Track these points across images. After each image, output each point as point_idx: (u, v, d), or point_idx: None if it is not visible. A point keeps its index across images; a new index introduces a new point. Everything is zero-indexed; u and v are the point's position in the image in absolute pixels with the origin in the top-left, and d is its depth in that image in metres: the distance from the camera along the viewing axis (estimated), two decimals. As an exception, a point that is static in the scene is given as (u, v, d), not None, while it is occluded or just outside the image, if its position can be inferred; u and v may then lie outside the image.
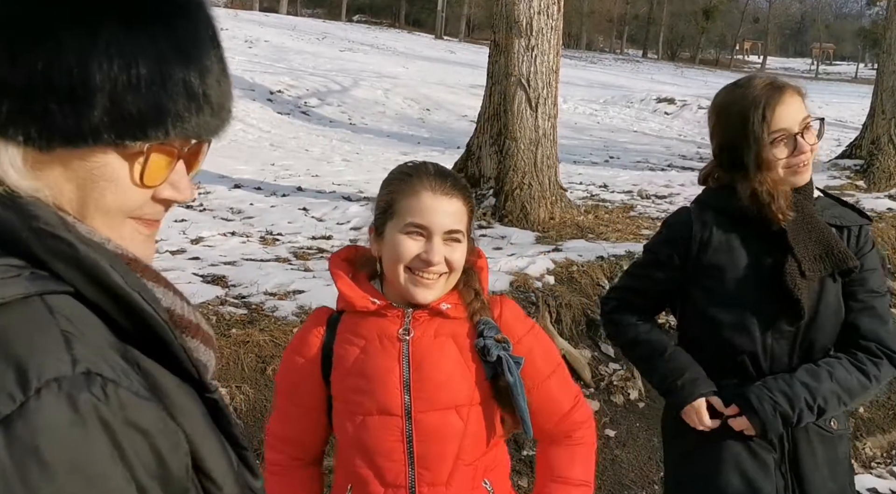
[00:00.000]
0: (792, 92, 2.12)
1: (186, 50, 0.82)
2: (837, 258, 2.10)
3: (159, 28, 0.80)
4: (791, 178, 2.13)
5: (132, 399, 0.74)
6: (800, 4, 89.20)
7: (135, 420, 0.73)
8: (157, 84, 0.80)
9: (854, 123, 15.83)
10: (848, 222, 2.18)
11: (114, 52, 0.77)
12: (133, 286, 0.80)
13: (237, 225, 6.76)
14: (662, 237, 2.37)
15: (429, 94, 18.52)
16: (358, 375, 1.69)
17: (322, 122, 14.80)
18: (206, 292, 4.63)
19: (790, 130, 2.09)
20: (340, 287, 1.73)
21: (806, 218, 2.12)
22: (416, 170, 1.72)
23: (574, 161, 11.88)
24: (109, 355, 0.76)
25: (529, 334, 1.78)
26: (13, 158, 0.78)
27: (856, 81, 48.22)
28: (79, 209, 0.83)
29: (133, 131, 0.80)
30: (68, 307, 0.77)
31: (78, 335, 0.74)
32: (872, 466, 4.61)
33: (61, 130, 0.77)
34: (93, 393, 0.70)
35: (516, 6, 6.83)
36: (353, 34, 34.51)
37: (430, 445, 1.66)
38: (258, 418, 3.77)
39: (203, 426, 0.85)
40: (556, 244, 6.15)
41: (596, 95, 21.56)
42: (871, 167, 9.90)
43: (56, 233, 0.77)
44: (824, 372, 2.10)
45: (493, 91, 7.14)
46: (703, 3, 65.33)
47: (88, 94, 0.77)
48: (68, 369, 0.70)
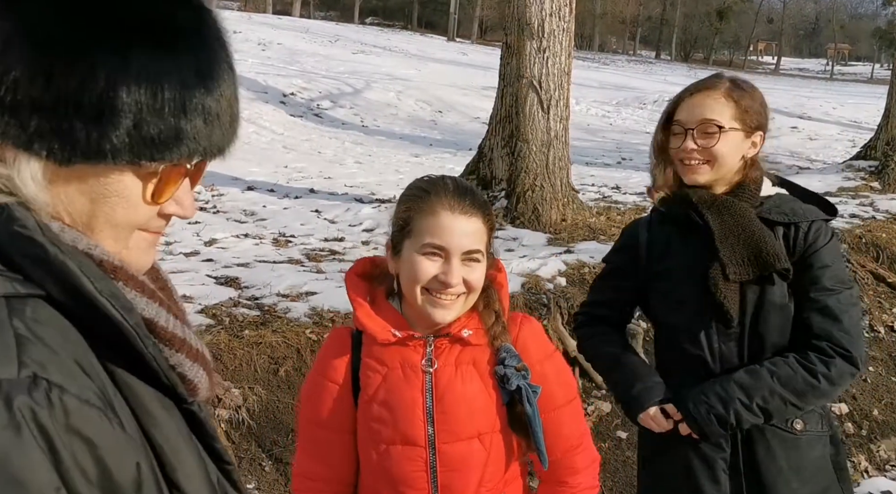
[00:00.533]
0: (710, 92, 2.10)
1: (206, 75, 0.85)
2: (765, 261, 2.05)
3: (184, 54, 0.83)
4: (682, 173, 2.14)
5: (78, 406, 0.73)
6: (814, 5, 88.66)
7: (78, 427, 0.73)
8: (178, 109, 0.83)
9: (869, 125, 15.74)
10: (797, 218, 2.11)
11: (142, 77, 0.80)
12: (104, 293, 0.80)
13: (250, 227, 6.79)
14: (616, 246, 2.42)
15: (441, 96, 18.54)
16: (381, 404, 1.67)
17: (335, 124, 14.84)
18: (220, 293, 4.66)
19: (684, 124, 2.10)
20: (359, 315, 1.69)
21: (737, 219, 2.08)
22: (434, 186, 1.66)
23: (586, 163, 11.87)
24: (65, 361, 0.76)
25: (548, 360, 1.75)
26: (34, 171, 0.80)
27: (871, 81, 47.85)
28: (88, 222, 0.85)
29: (151, 153, 0.83)
30: (33, 311, 0.78)
31: (34, 339, 0.75)
32: (887, 469, 4.58)
33: (84, 148, 0.79)
34: (33, 398, 0.70)
35: (528, 8, 6.83)
36: (366, 36, 34.57)
37: (454, 474, 1.66)
38: (270, 418, 3.79)
39: (178, 438, 0.86)
40: (567, 246, 6.15)
41: (609, 97, 21.52)
42: (885, 168, 9.83)
43: (31, 236, 0.79)
44: (764, 372, 2.06)
45: (504, 93, 7.15)
46: (717, 4, 65.04)
47: (114, 115, 0.79)
48: (13, 372, 0.71)
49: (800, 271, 2.08)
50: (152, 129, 0.82)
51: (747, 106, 2.09)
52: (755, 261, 2.06)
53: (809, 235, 2.09)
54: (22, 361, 0.72)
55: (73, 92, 0.77)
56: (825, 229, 2.13)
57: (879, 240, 6.91)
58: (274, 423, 3.78)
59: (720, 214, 2.10)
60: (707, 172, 2.10)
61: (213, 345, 3.93)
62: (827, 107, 21.94)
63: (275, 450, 3.66)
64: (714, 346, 2.14)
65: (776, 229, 2.11)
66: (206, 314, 4.32)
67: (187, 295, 4.57)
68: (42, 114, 0.77)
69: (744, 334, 2.11)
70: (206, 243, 6.11)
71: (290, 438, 3.75)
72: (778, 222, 2.11)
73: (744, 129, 2.09)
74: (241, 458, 3.54)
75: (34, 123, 0.78)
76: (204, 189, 8.18)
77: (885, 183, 9.62)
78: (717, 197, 2.12)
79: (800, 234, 2.10)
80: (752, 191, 2.13)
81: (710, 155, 2.08)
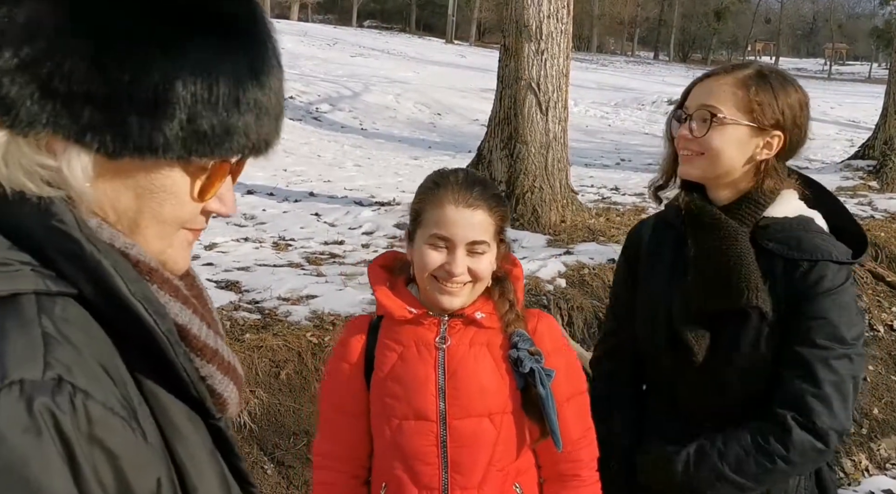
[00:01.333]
0: (723, 78, 1.81)
1: (258, 70, 0.84)
2: (734, 294, 1.74)
3: (238, 48, 0.82)
4: (680, 163, 1.87)
5: (102, 414, 0.70)
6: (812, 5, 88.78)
7: (100, 437, 0.69)
8: (232, 103, 0.81)
9: (867, 124, 15.76)
10: (799, 253, 1.75)
11: (198, 71, 0.78)
12: (137, 295, 0.78)
13: (250, 231, 6.80)
14: (619, 258, 2.14)
15: (440, 98, 18.56)
16: (395, 380, 1.73)
17: (334, 127, 14.86)
18: (220, 297, 4.66)
19: (687, 108, 1.84)
20: (378, 296, 1.77)
21: (720, 240, 1.77)
22: (443, 179, 1.74)
23: (585, 164, 11.87)
24: (91, 365, 0.73)
25: (560, 352, 1.79)
26: (85, 164, 0.78)
27: (869, 80, 47.91)
28: (134, 217, 0.83)
29: (203, 148, 0.81)
30: (63, 310, 0.75)
31: (62, 339, 0.72)
32: (887, 467, 4.59)
33: (136, 141, 0.77)
34: (56, 402, 0.67)
35: (526, 10, 6.85)
36: (364, 39, 34.61)
37: (463, 450, 1.71)
38: (272, 422, 3.80)
39: (201, 453, 0.82)
40: (567, 247, 6.16)
41: (607, 98, 21.53)
42: (883, 168, 9.85)
43: (68, 232, 0.76)
44: (714, 455, 1.77)
45: (503, 95, 7.16)
46: (715, 5, 65.13)
47: (169, 108, 0.77)
48: (37, 373, 0.68)
49: (789, 318, 1.75)
50: (205, 123, 0.80)
51: (762, 99, 1.76)
52: (722, 292, 1.76)
53: (810, 276, 1.73)
54: (48, 362, 0.69)
55: (127, 84, 0.75)
56: (833, 272, 1.74)
57: (878, 239, 6.93)
58: (275, 426, 3.79)
59: (703, 230, 1.82)
60: (699, 165, 1.81)
61: (215, 349, 3.93)
62: (825, 106, 21.95)
63: (276, 453, 3.67)
64: (678, 381, 1.90)
65: (776, 261, 1.77)
66: (207, 317, 4.32)
67: (188, 299, 4.58)
68: (95, 105, 0.75)
69: (710, 370, 1.82)
70: (206, 247, 6.12)
71: (291, 441, 3.76)
72: (778, 254, 1.77)
73: (752, 123, 1.76)
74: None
75: (87, 115, 0.75)
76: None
77: (883, 182, 9.63)
78: (706, 210, 1.82)
79: (797, 273, 1.74)
80: (752, 207, 1.79)
81: (702, 145, 1.78)
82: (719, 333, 1.81)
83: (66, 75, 0.74)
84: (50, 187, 0.77)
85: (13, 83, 0.73)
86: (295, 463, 3.63)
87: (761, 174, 1.81)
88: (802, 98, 1.82)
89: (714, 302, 1.79)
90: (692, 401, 1.91)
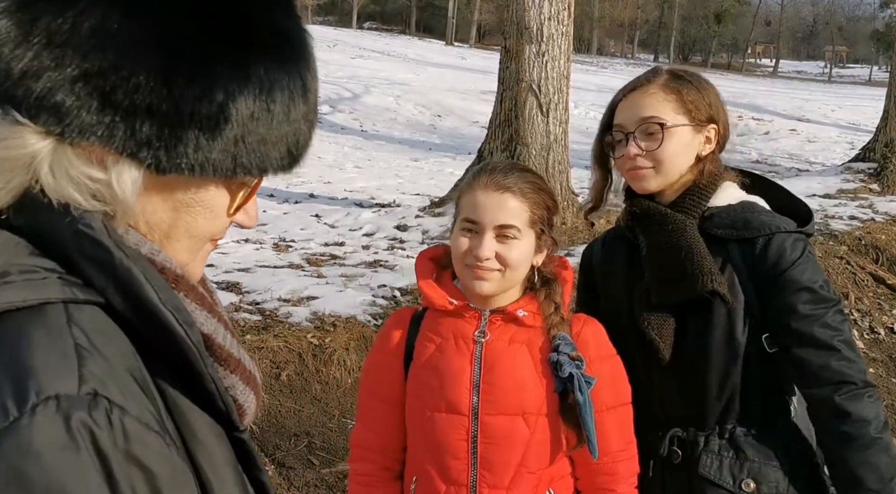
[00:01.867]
0: (646, 88, 1.83)
1: (307, 86, 0.84)
2: (686, 283, 1.74)
3: (292, 66, 0.82)
4: (631, 182, 1.87)
5: (138, 430, 0.67)
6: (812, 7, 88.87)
7: (138, 455, 0.66)
8: (284, 120, 0.81)
9: (868, 127, 15.75)
10: (752, 232, 1.77)
11: (259, 89, 0.78)
12: (168, 304, 0.75)
13: (250, 232, 6.79)
14: (577, 280, 2.07)
15: (440, 100, 18.57)
16: (431, 371, 1.72)
17: (334, 129, 14.86)
18: (221, 298, 4.63)
19: (624, 127, 1.83)
20: (421, 286, 1.76)
21: (669, 234, 1.79)
22: (483, 168, 1.74)
23: (585, 166, 11.77)
24: (124, 378, 0.70)
25: (606, 360, 1.75)
26: (135, 178, 0.76)
27: (870, 83, 47.95)
28: (167, 231, 0.81)
29: (251, 166, 0.81)
30: (91, 320, 0.72)
31: (93, 351, 0.69)
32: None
33: (190, 159, 0.76)
34: (94, 418, 0.64)
35: (527, 12, 6.85)
36: (364, 41, 34.64)
37: (494, 448, 1.67)
38: (273, 423, 3.80)
39: (225, 468, 0.80)
40: (567, 249, 6.15)
41: (607, 100, 21.39)
42: (884, 170, 9.85)
43: (96, 237, 0.73)
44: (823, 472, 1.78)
45: (504, 97, 7.16)
46: (715, 7, 65.19)
47: (227, 127, 0.77)
48: (73, 387, 0.65)
49: (768, 299, 1.76)
50: (257, 141, 0.80)
51: (693, 97, 1.81)
52: (677, 282, 1.76)
53: (769, 253, 1.75)
54: (82, 375, 0.65)
55: (193, 101, 0.74)
56: (791, 242, 1.76)
57: (879, 242, 6.92)
58: (276, 428, 3.78)
59: (651, 228, 1.83)
60: (655, 177, 1.81)
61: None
62: (825, 109, 21.96)
63: (277, 455, 3.66)
64: (655, 379, 1.85)
65: (730, 247, 1.79)
66: (208, 319, 4.32)
67: (188, 300, 4.58)
68: (155, 120, 0.74)
69: (683, 375, 1.81)
70: (206, 249, 6.12)
71: (292, 442, 3.75)
72: (728, 238, 1.78)
73: (692, 123, 1.80)
74: (244, 463, 3.54)
75: (145, 130, 0.73)
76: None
77: (884, 185, 9.63)
78: (651, 208, 1.84)
79: (756, 250, 1.76)
80: (696, 198, 1.82)
81: (656, 158, 1.79)
82: (686, 326, 1.80)
83: (131, 89, 0.72)
84: (96, 200, 0.74)
85: (72, 93, 0.72)
86: (295, 465, 3.63)
87: (701, 166, 1.84)
88: (716, 90, 1.88)
89: (672, 293, 1.78)
90: (669, 402, 1.87)
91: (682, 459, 1.85)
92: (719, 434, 1.83)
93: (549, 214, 1.74)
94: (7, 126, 0.72)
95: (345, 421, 3.94)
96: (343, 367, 4.19)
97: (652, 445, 1.87)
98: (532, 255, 1.72)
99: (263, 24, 0.80)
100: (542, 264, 1.77)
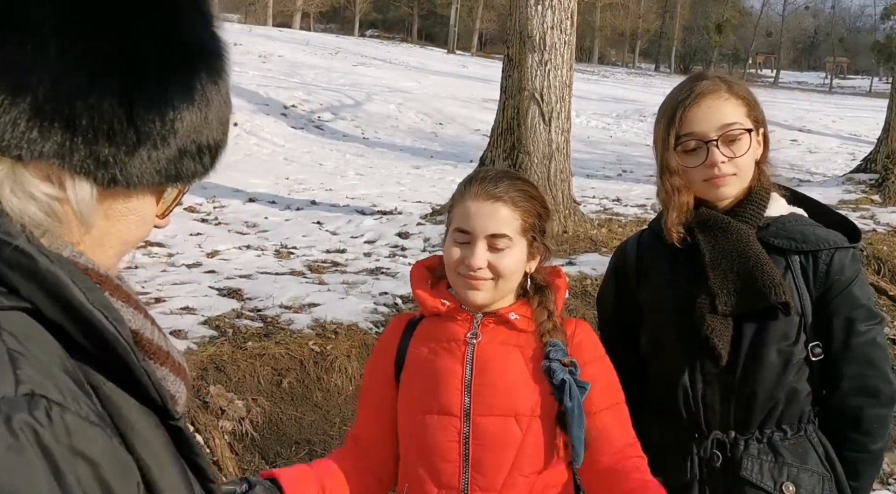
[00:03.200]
0: (717, 93, 1.81)
1: (228, 95, 0.87)
2: (760, 292, 1.75)
3: (220, 74, 0.85)
4: (707, 191, 1.84)
5: (79, 425, 0.69)
6: (813, 18, 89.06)
7: (81, 448, 0.68)
8: (219, 128, 0.85)
9: (869, 138, 15.78)
10: (812, 245, 1.80)
11: (201, 104, 0.82)
12: (96, 304, 0.76)
13: (252, 238, 6.80)
14: (605, 277, 2.09)
15: (441, 108, 18.59)
16: (422, 373, 1.72)
17: (335, 136, 14.87)
18: (222, 305, 4.66)
19: (702, 136, 1.79)
20: (415, 290, 1.78)
21: (734, 242, 1.80)
22: (474, 176, 1.74)
23: (587, 175, 11.89)
24: (60, 377, 0.71)
25: (597, 363, 1.75)
26: (90, 193, 0.79)
27: (870, 94, 48.02)
28: (100, 239, 0.83)
29: (190, 174, 0.84)
30: (19, 325, 0.72)
31: (27, 354, 0.70)
32: (890, 482, 4.57)
33: (139, 173, 0.80)
34: (34, 417, 0.66)
35: (530, 21, 6.87)
36: (366, 49, 34.69)
37: (486, 449, 1.66)
38: (274, 430, 3.79)
39: (164, 455, 0.81)
40: (569, 258, 6.16)
41: (609, 109, 21.58)
42: (886, 181, 9.87)
43: (16, 244, 0.73)
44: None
45: (506, 105, 7.17)
46: (716, 18, 65.32)
47: (172, 140, 0.80)
48: (10, 389, 0.66)
49: (824, 312, 1.80)
50: (195, 149, 0.83)
51: (752, 100, 1.84)
52: (749, 292, 1.78)
53: (832, 267, 1.79)
54: (18, 377, 0.67)
55: (148, 122, 0.78)
56: (850, 258, 1.81)
57: (880, 253, 6.93)
58: (278, 435, 3.77)
59: (714, 235, 1.83)
60: (734, 183, 1.82)
61: (217, 356, 3.93)
62: (826, 120, 22.01)
63: (278, 462, 3.65)
64: (698, 388, 1.85)
65: (791, 258, 1.81)
66: (210, 325, 4.32)
67: (190, 306, 4.57)
68: (115, 142, 0.77)
69: (733, 379, 1.82)
70: (208, 255, 6.11)
71: (293, 450, 3.74)
72: (787, 249, 1.81)
73: (755, 126, 1.83)
74: (245, 470, 3.52)
75: (105, 151, 0.76)
76: (205, 201, 8.19)
77: (885, 196, 9.65)
78: (713, 215, 1.84)
79: (820, 265, 1.79)
80: (755, 208, 1.84)
81: (738, 164, 1.79)
82: (741, 332, 1.82)
83: (94, 114, 0.75)
84: (48, 217, 0.77)
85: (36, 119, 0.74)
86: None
87: (757, 173, 1.86)
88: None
89: (741, 302, 1.80)
90: (713, 406, 1.87)
91: (722, 461, 1.86)
92: (759, 439, 1.85)
93: (540, 221, 1.74)
94: None
95: (346, 429, 3.93)
96: (344, 374, 4.18)
97: (689, 446, 1.89)
98: (525, 262, 1.72)
99: (205, 42, 0.84)
100: (535, 271, 1.77)
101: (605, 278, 2.14)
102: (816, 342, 1.82)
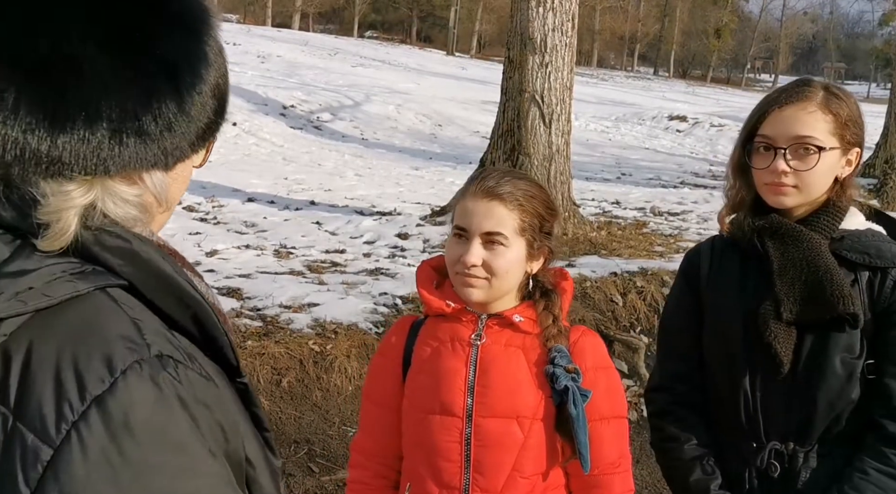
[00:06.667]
0: (805, 104, 1.78)
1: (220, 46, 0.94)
2: (828, 302, 1.74)
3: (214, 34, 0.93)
4: (766, 195, 1.84)
5: (198, 379, 0.80)
6: (811, 24, 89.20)
7: (203, 398, 0.79)
8: (224, 78, 0.93)
9: (867, 143, 15.80)
10: (885, 262, 1.78)
11: (225, 69, 0.93)
12: (182, 276, 0.85)
13: (251, 238, 6.79)
14: (676, 283, 2.07)
15: (440, 109, 18.59)
16: (426, 373, 1.73)
17: (334, 136, 14.87)
18: (222, 304, 4.64)
19: (774, 141, 1.79)
20: (419, 290, 1.79)
21: (804, 251, 1.79)
22: (478, 175, 1.74)
23: (586, 178, 11.89)
24: (170, 339, 0.81)
25: (602, 370, 1.74)
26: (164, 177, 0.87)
27: (868, 100, 48.08)
28: (170, 206, 0.92)
29: (219, 126, 0.93)
30: (127, 298, 0.82)
31: (144, 321, 0.80)
32: None
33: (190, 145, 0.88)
34: (169, 373, 0.77)
35: (531, 23, 6.87)
36: (365, 50, 34.69)
37: (487, 450, 1.67)
38: (273, 429, 3.78)
39: (237, 411, 0.90)
40: (569, 260, 6.15)
41: (608, 113, 21.59)
42: (884, 186, 9.91)
43: (109, 229, 0.82)
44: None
45: (506, 107, 7.18)
46: (715, 22, 65.45)
47: (209, 106, 0.89)
48: (146, 352, 0.77)
49: (886, 328, 1.78)
50: (222, 105, 0.93)
51: (847, 118, 1.79)
52: (816, 301, 1.76)
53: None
54: (147, 341, 0.78)
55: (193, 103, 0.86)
56: None
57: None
58: (277, 434, 3.77)
59: (784, 243, 1.82)
60: (795, 195, 1.80)
61: (216, 355, 3.92)
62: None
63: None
64: (756, 401, 1.85)
65: (860, 272, 1.80)
66: (209, 324, 4.31)
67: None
68: (176, 134, 0.85)
69: (794, 389, 1.81)
70: (207, 254, 6.11)
71: (292, 449, 3.74)
72: (859, 263, 1.80)
73: (842, 146, 1.79)
74: (244, 469, 3.52)
75: (169, 144, 0.85)
76: (204, 200, 8.18)
77: (884, 200, 9.68)
78: (784, 223, 1.82)
79: (888, 281, 1.78)
80: (830, 220, 1.82)
81: (802, 179, 1.78)
82: (803, 342, 1.81)
83: (157, 117, 0.83)
84: (140, 213, 0.85)
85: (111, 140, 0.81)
86: (296, 472, 3.61)
87: (838, 187, 1.83)
88: (858, 105, 1.85)
89: (809, 311, 1.78)
90: (773, 416, 1.85)
91: (780, 473, 1.84)
92: (820, 453, 1.83)
93: (542, 221, 1.73)
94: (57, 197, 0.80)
95: (345, 429, 3.92)
96: (344, 374, 4.17)
97: (747, 456, 1.87)
98: (523, 263, 1.71)
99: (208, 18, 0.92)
100: (540, 273, 1.77)
101: (675, 282, 2.11)
102: (871, 360, 1.79)
